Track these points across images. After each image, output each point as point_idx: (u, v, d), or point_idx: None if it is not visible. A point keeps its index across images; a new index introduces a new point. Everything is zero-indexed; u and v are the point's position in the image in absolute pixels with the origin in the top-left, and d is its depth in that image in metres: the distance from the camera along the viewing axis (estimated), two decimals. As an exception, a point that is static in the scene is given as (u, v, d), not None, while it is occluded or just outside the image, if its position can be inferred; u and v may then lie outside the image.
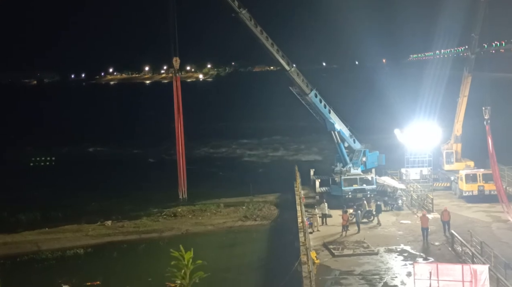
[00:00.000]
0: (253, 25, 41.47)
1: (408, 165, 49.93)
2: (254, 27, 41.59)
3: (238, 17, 41.07)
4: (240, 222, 46.79)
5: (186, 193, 37.94)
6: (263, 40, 42.22)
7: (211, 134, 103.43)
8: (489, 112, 41.05)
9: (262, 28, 42.09)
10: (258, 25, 41.81)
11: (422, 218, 35.10)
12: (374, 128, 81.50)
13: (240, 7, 40.80)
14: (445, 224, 35.63)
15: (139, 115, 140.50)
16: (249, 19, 41.26)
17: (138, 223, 47.25)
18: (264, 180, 60.79)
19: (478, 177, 44.17)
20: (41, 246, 42.29)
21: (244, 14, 40.90)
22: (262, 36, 42.09)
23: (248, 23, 41.26)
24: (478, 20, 46.76)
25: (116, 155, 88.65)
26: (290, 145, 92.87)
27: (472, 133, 50.43)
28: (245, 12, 40.93)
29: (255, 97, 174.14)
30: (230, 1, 40.42)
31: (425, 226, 34.65)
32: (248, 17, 41.19)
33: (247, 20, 41.16)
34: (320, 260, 31.77)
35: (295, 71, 43.68)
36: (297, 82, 43.73)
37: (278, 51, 43.09)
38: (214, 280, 32.23)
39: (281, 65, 43.50)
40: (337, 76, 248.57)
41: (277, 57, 43.04)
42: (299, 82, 43.79)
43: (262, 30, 42.09)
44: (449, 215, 35.93)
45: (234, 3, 40.58)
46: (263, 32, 42.12)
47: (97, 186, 62.31)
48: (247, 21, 41.21)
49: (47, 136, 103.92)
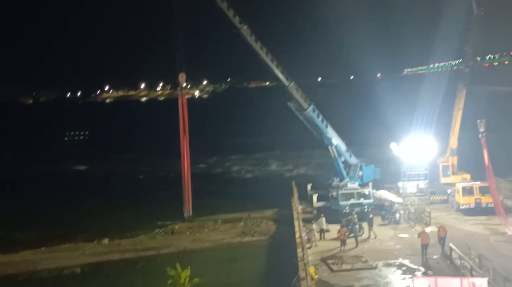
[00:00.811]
0: (253, 41, 41.94)
1: (404, 178, 50.01)
2: (254, 43, 42.05)
3: (239, 33, 41.51)
4: (238, 238, 46.64)
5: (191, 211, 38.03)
6: (263, 55, 42.59)
7: (208, 150, 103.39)
8: (484, 125, 41.26)
9: (262, 43, 42.54)
10: (258, 40, 42.25)
11: (422, 235, 34.34)
12: (370, 142, 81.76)
13: (241, 23, 41.25)
14: (441, 240, 35.03)
15: (135, 132, 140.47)
16: (249, 35, 41.73)
17: (136, 241, 47.03)
18: (262, 195, 60.66)
19: (475, 189, 44.25)
20: (38, 265, 42.03)
21: (245, 30, 41.40)
22: (262, 52, 42.50)
23: (248, 38, 41.75)
24: (471, 34, 47.29)
25: (112, 171, 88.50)
26: (287, 160, 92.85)
27: (468, 146, 50.60)
28: (245, 28, 41.44)
29: (251, 113, 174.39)
30: (232, 17, 40.89)
31: (424, 243, 33.92)
32: (249, 32, 41.67)
33: (247, 35, 41.64)
34: (318, 275, 31.65)
35: (293, 87, 43.98)
36: (295, 97, 44.00)
37: (278, 66, 43.44)
38: (212, 297, 32.23)
39: (280, 80, 43.80)
40: (333, 90, 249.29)
41: (277, 72, 43.37)
42: (297, 97, 44.05)
43: (262, 46, 42.52)
44: (445, 231, 35.30)
45: (236, 19, 41.06)
46: (263, 48, 42.55)
47: (93, 203, 62.09)
48: (248, 36, 41.69)
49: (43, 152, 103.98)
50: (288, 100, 45.13)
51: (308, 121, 45.42)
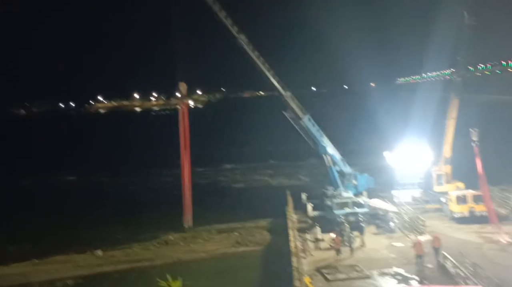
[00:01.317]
0: (251, 50, 42.12)
1: (399, 187, 50.07)
2: (252, 52, 42.26)
3: (237, 42, 41.68)
4: (233, 248, 46.45)
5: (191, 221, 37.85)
6: (260, 64, 42.79)
7: (203, 160, 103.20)
8: (477, 134, 41.46)
9: (259, 53, 42.73)
10: (255, 50, 42.45)
11: (417, 245, 34.05)
12: (364, 151, 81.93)
13: (239, 33, 41.43)
14: (436, 250, 34.66)
15: (128, 142, 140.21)
16: (247, 44, 41.89)
17: (129, 252, 46.73)
18: (256, 205, 60.54)
19: (469, 198, 44.37)
20: (30, 278, 41.57)
21: (242, 39, 41.57)
22: (259, 61, 42.72)
23: (246, 48, 41.95)
24: (463, 44, 47.63)
25: (104, 182, 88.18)
26: (282, 170, 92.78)
27: (462, 154, 50.77)
28: (243, 37, 41.60)
29: (245, 123, 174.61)
30: (230, 26, 41.04)
31: (420, 253, 33.71)
32: (246, 42, 41.83)
33: (245, 45, 41.80)
34: (314, 285, 31.57)
35: (290, 96, 44.22)
36: (292, 106, 44.18)
37: (274, 76, 43.66)
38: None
39: (277, 89, 44.00)
40: (327, 100, 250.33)
41: (274, 81, 43.57)
42: (294, 107, 44.27)
43: (259, 55, 42.70)
44: (439, 242, 34.94)
45: (234, 28, 41.22)
46: (260, 57, 42.76)
47: (86, 215, 61.74)
48: (245, 46, 41.88)
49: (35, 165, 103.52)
50: (284, 109, 45.27)
51: (304, 130, 45.56)
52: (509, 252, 36.24)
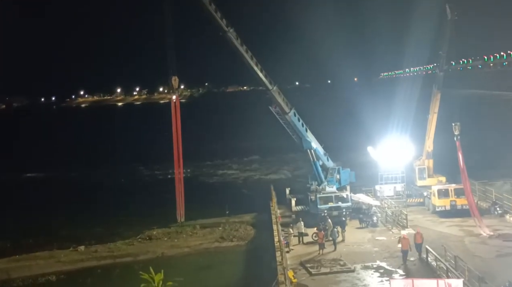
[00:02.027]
0: (239, 44, 41.81)
1: (381, 181, 50.41)
2: (240, 46, 41.94)
3: (226, 36, 41.33)
4: (217, 243, 46.38)
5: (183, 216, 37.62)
6: (248, 59, 42.51)
7: (186, 155, 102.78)
8: (459, 128, 41.83)
9: (247, 47, 42.47)
10: (243, 44, 42.17)
11: (403, 241, 33.85)
12: (347, 146, 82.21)
13: (228, 26, 41.07)
14: (418, 246, 34.55)
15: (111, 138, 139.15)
16: (236, 38, 41.57)
17: (112, 247, 46.41)
18: (240, 200, 60.60)
19: (450, 192, 44.81)
20: (12, 274, 41.08)
21: (231, 33, 41.22)
22: (247, 55, 42.43)
23: (235, 41, 41.60)
24: (445, 38, 47.98)
25: (86, 178, 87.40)
26: (265, 164, 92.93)
27: (444, 149, 51.27)
28: (232, 31, 41.26)
29: (228, 118, 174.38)
30: (219, 19, 40.66)
31: (405, 248, 33.56)
32: (235, 36, 41.50)
33: (234, 39, 41.46)
34: (297, 279, 31.66)
35: (276, 91, 44.14)
36: (278, 101, 44.11)
37: (262, 71, 43.46)
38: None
39: (264, 84, 43.80)
40: (310, 95, 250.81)
41: (261, 76, 43.36)
42: (280, 101, 44.19)
43: (248, 49, 42.45)
44: (421, 237, 34.69)
45: (223, 21, 40.85)
46: (248, 51, 42.48)
47: (68, 211, 61.18)
48: (234, 40, 41.52)
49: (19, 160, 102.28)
50: (269, 104, 45.22)
51: (289, 125, 45.57)
52: (490, 245, 36.73)
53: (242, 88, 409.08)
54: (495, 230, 39.64)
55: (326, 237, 37.71)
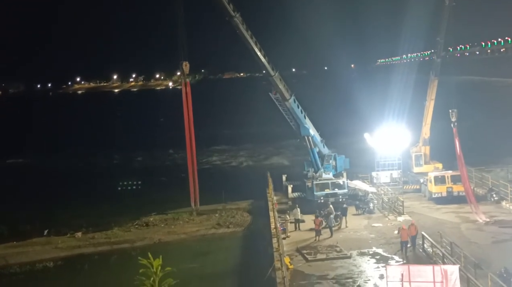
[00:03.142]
0: (244, 29, 41.46)
1: (378, 168, 50.47)
2: (246, 31, 41.59)
3: (232, 21, 40.92)
4: (213, 229, 46.49)
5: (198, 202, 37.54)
6: (253, 44, 42.19)
7: (182, 141, 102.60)
8: (456, 115, 41.82)
9: (251, 33, 42.18)
10: (248, 29, 41.86)
11: (402, 232, 33.13)
12: (344, 133, 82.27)
13: (235, 11, 40.67)
14: (413, 239, 33.54)
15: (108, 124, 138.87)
16: (242, 23, 41.20)
17: (109, 234, 46.46)
18: (237, 187, 60.59)
19: (447, 178, 44.89)
20: (9, 260, 41.18)
21: (238, 18, 40.84)
22: (252, 41, 42.10)
23: (241, 27, 41.21)
24: (443, 24, 47.75)
25: (82, 165, 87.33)
26: (262, 151, 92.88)
27: (440, 135, 51.29)
28: (238, 15, 40.89)
29: (225, 104, 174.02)
30: (226, 4, 40.23)
31: (404, 239, 32.87)
32: (241, 21, 41.14)
33: (240, 24, 41.07)
34: (294, 265, 31.80)
35: (278, 77, 43.97)
36: (279, 87, 43.95)
37: (265, 56, 43.23)
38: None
39: (267, 70, 43.56)
40: (307, 81, 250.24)
41: (264, 62, 43.12)
42: (281, 87, 44.03)
43: (252, 35, 42.15)
44: (416, 229, 33.92)
45: (230, 6, 40.47)
46: (253, 37, 42.16)
47: (65, 197, 61.13)
48: (240, 25, 41.12)
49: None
50: (267, 91, 45.09)
51: (288, 112, 45.46)
52: (486, 231, 36.89)
53: (239, 75, 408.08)
54: (491, 216, 39.82)
55: (328, 223, 38.04)
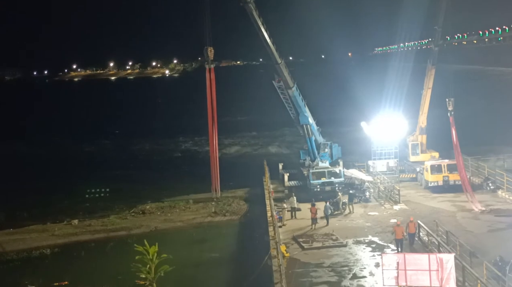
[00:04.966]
0: (257, 16, 41.19)
1: (374, 157, 50.51)
2: (258, 18, 41.31)
3: (246, 7, 40.56)
4: (210, 217, 46.57)
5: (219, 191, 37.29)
6: (264, 31, 41.93)
7: (178, 129, 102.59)
8: (452, 104, 41.80)
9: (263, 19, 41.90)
10: (260, 16, 41.57)
11: (397, 229, 31.30)
12: (340, 121, 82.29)
13: None
14: (411, 236, 32.36)
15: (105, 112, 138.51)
16: (255, 9, 40.91)
17: (106, 221, 46.51)
18: (233, 175, 60.51)
19: (443, 167, 44.97)
20: (6, 247, 41.21)
21: (252, 3, 40.54)
22: (263, 27, 41.83)
23: (254, 13, 40.89)
24: (440, 13, 47.58)
25: (78, 152, 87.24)
26: (258, 139, 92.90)
27: (437, 124, 51.29)
28: (253, 1, 40.56)
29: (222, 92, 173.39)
30: None
31: (399, 238, 31.17)
32: (254, 7, 40.84)
33: (254, 10, 40.78)
34: (289, 253, 31.89)
35: (284, 64, 43.87)
36: (284, 74, 43.87)
37: (274, 44, 43.04)
38: (184, 275, 32.26)
39: (274, 57, 43.38)
40: (304, 70, 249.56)
41: (273, 49, 42.93)
42: (286, 75, 43.95)
43: (263, 22, 41.88)
44: (415, 226, 32.56)
45: None
46: (264, 24, 41.91)
47: (61, 185, 61.11)
48: (254, 11, 40.83)
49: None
50: (273, 78, 45.05)
51: (289, 100, 45.42)
52: (482, 220, 37.03)
53: (236, 63, 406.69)
54: (487, 205, 39.95)
55: (338, 210, 39.54)
